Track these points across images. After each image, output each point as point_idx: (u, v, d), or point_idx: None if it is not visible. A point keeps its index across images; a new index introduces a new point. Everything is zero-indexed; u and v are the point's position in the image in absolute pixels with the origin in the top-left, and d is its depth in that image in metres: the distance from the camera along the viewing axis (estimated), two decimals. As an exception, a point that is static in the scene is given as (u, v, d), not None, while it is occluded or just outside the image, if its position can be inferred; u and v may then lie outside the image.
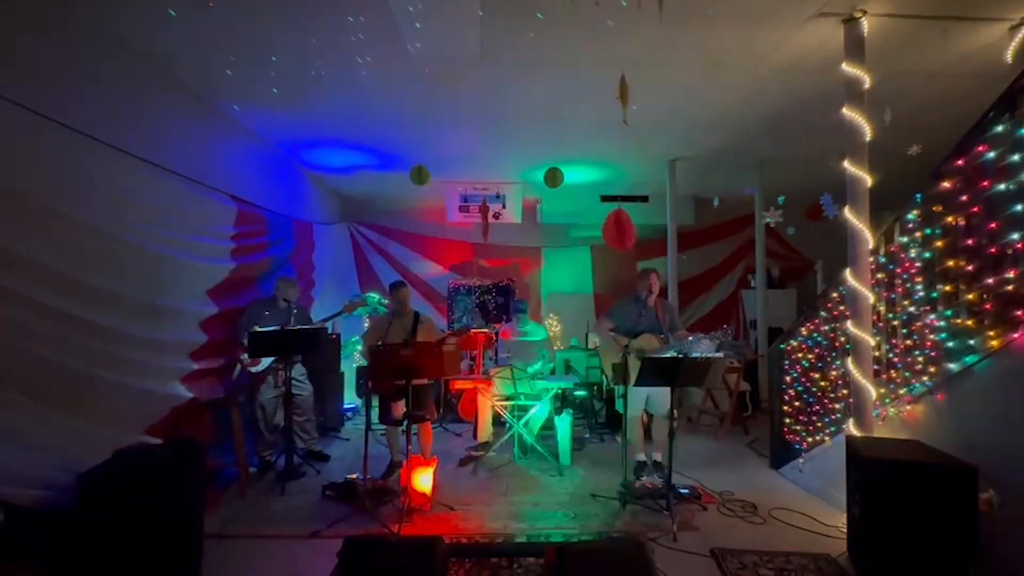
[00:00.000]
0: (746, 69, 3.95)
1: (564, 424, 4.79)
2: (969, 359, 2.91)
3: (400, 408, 4.27)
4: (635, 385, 3.73)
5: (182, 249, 3.91)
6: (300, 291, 5.20)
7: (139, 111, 3.53)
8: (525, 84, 4.19)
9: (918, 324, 3.34)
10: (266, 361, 4.53)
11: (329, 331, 5.81)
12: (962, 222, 3.08)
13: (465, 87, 4.21)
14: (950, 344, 3.07)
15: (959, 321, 3.05)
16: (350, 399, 6.63)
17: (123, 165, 3.33)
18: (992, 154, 2.89)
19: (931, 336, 3.22)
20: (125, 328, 3.29)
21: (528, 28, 3.37)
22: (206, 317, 4.17)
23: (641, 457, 4.43)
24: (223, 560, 3.07)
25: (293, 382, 4.55)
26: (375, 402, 4.55)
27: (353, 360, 6.91)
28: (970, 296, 3.00)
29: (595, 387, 6.20)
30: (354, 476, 4.02)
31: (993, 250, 2.86)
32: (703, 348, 3.78)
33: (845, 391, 3.77)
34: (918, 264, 3.35)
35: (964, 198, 3.05)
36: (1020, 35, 3.40)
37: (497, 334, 6.16)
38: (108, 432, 3.04)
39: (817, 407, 4.18)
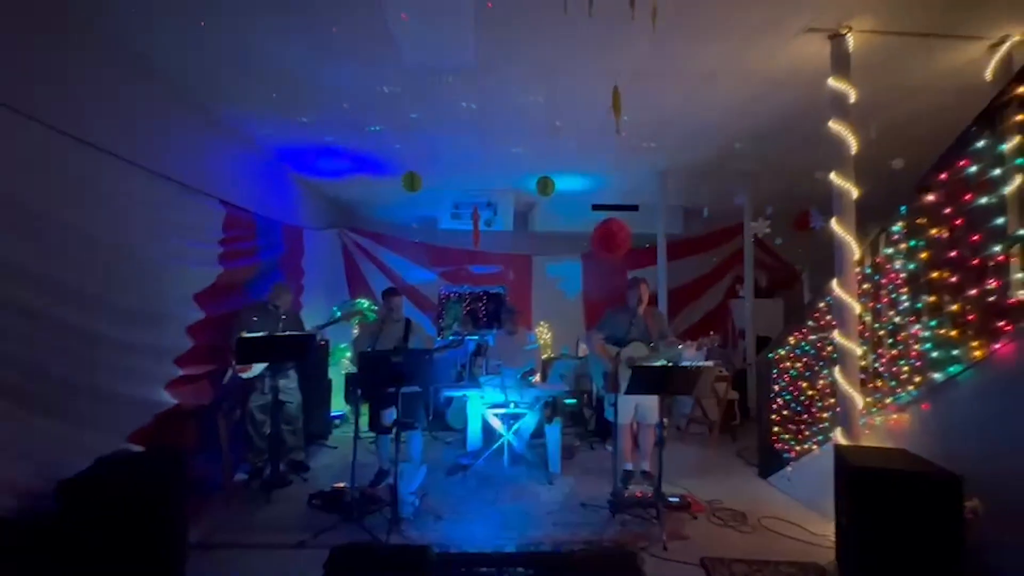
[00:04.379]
0: (736, 82, 4.02)
1: (554, 432, 4.79)
2: (953, 369, 2.95)
3: (389, 415, 4.24)
4: (625, 393, 3.74)
5: (168, 252, 3.86)
6: (292, 297, 5.15)
7: (126, 113, 3.49)
8: (518, 94, 4.21)
9: (903, 334, 3.38)
10: (258, 367, 4.47)
11: (318, 338, 5.75)
12: (945, 234, 3.13)
13: (458, 95, 4.23)
14: (935, 354, 3.11)
15: (943, 331, 3.10)
16: (338, 406, 6.56)
17: (108, 167, 3.28)
18: (974, 168, 2.95)
19: (916, 346, 3.27)
20: (108, 332, 3.23)
21: (522, 38, 3.40)
22: (192, 322, 4.11)
23: (628, 466, 4.43)
24: (207, 570, 3.01)
25: (283, 390, 4.49)
26: (364, 409, 4.50)
27: (341, 367, 6.84)
28: (954, 307, 3.05)
29: (585, 395, 6.20)
30: (341, 484, 3.97)
31: (976, 262, 2.91)
32: (692, 357, 3.80)
33: (832, 400, 3.80)
34: (903, 275, 3.40)
35: (947, 211, 3.11)
36: (999, 53, 3.51)
37: (487, 341, 6.15)
38: (90, 439, 2.97)
39: (805, 416, 4.22)
